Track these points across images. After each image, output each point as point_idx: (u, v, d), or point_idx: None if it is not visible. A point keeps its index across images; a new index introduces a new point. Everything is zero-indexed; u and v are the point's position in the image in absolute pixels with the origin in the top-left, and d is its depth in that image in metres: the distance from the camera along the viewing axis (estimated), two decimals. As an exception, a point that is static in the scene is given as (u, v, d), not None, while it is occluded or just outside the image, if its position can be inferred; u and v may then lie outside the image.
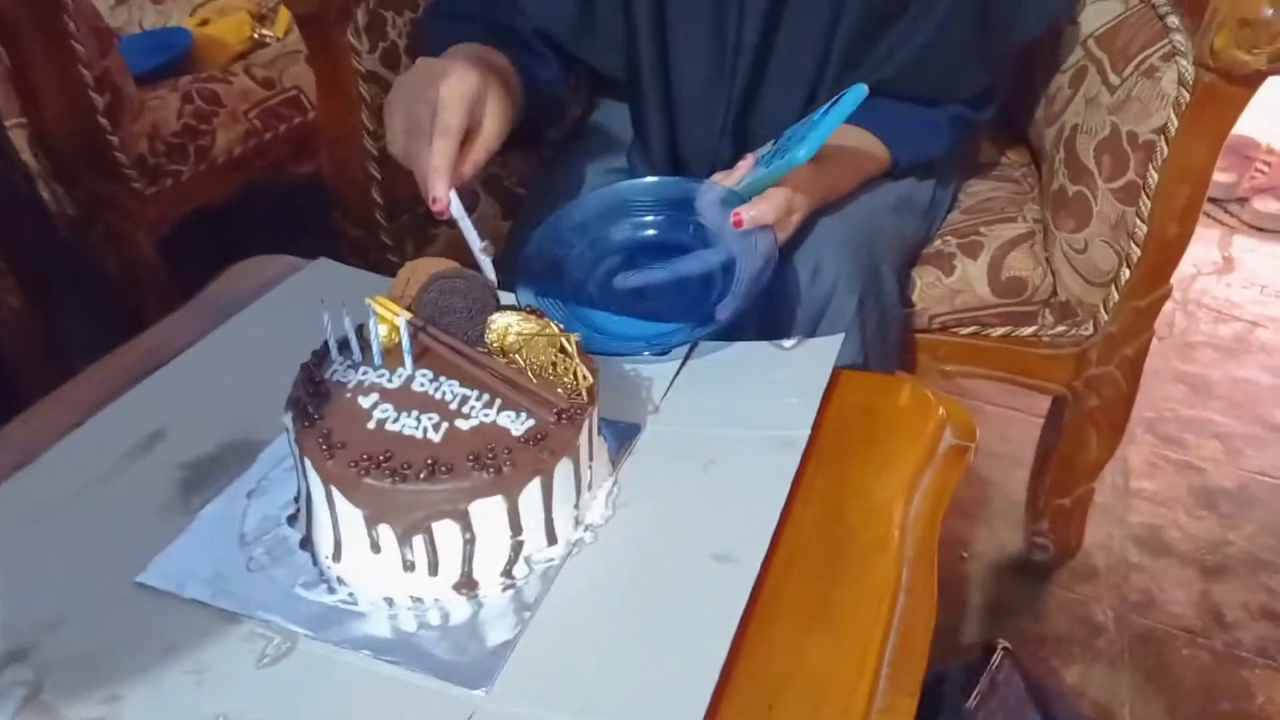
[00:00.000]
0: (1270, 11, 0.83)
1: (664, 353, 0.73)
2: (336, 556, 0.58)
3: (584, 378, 0.58)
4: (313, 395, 0.59)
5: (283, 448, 0.65)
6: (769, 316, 0.81)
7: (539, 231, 0.82)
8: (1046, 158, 1.07)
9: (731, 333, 0.74)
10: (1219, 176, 2.16)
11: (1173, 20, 0.92)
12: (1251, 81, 0.87)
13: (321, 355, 0.62)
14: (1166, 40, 0.91)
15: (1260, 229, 2.04)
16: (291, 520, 0.62)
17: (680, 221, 0.83)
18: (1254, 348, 1.62)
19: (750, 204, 0.77)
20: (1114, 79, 0.95)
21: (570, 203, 0.85)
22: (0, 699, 0.51)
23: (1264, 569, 1.20)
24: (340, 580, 0.58)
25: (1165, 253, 0.99)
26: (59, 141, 1.23)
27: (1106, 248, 0.99)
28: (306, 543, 0.60)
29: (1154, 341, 1.06)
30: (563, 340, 0.58)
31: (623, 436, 0.67)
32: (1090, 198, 0.98)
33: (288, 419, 0.58)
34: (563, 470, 0.57)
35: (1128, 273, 0.99)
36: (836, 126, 0.75)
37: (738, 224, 0.76)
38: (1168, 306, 1.03)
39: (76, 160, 1.26)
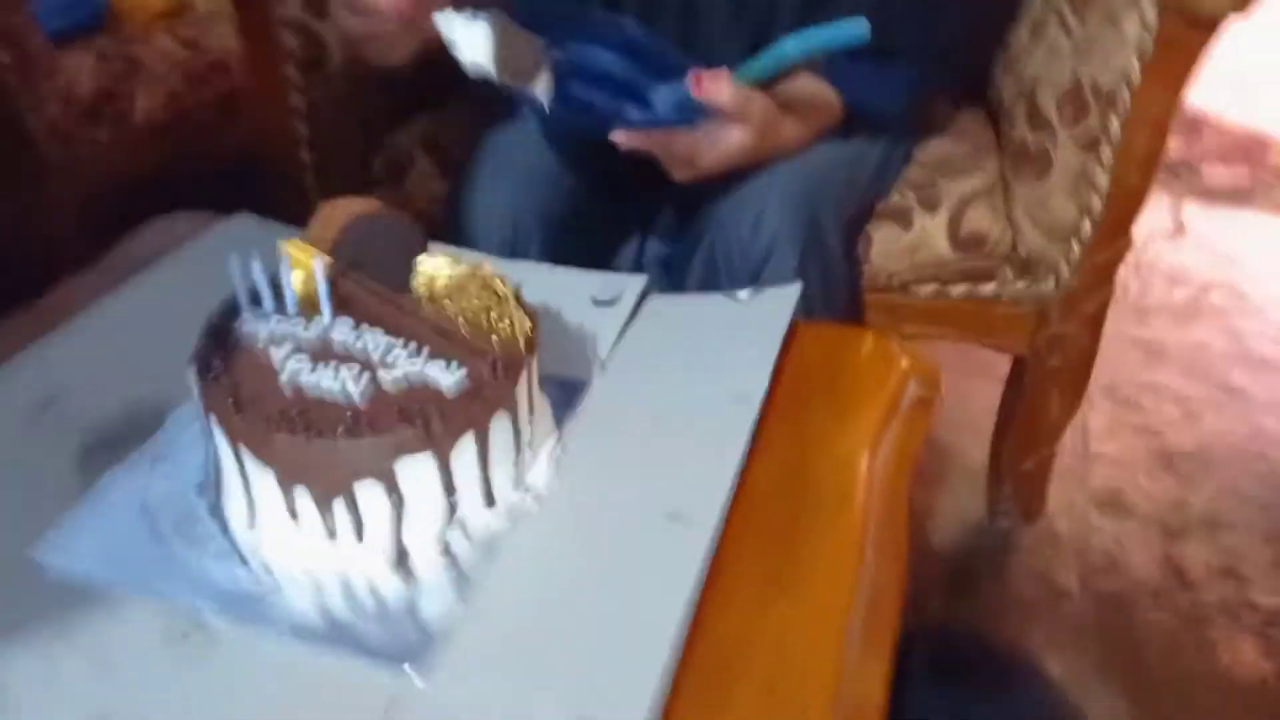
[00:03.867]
0: (1234, -53, 0.80)
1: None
2: (251, 524, 0.52)
3: (522, 325, 0.53)
4: (219, 349, 0.53)
5: (191, 412, 0.59)
6: (710, 265, 0.77)
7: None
8: (1005, 112, 1.04)
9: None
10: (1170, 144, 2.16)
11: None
12: (1214, 26, 0.84)
13: (229, 307, 0.56)
14: (1127, -15, 0.88)
15: (1210, 197, 2.04)
16: (200, 490, 0.56)
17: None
18: (1207, 312, 1.62)
19: (715, 75, 0.73)
20: (1075, 27, 0.92)
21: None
22: None
23: (1225, 529, 1.19)
24: (255, 554, 0.52)
25: (1127, 202, 0.96)
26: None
27: (1067, 200, 0.96)
28: (217, 512, 0.54)
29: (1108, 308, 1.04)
30: (497, 284, 0.53)
31: (567, 393, 0.62)
32: (1051, 149, 0.95)
33: (191, 376, 0.52)
34: (499, 426, 0.52)
35: (1089, 225, 0.96)
36: (828, 45, 0.72)
37: (696, 81, 0.72)
38: (1121, 271, 1.01)
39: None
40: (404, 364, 0.52)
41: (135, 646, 0.48)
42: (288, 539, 0.51)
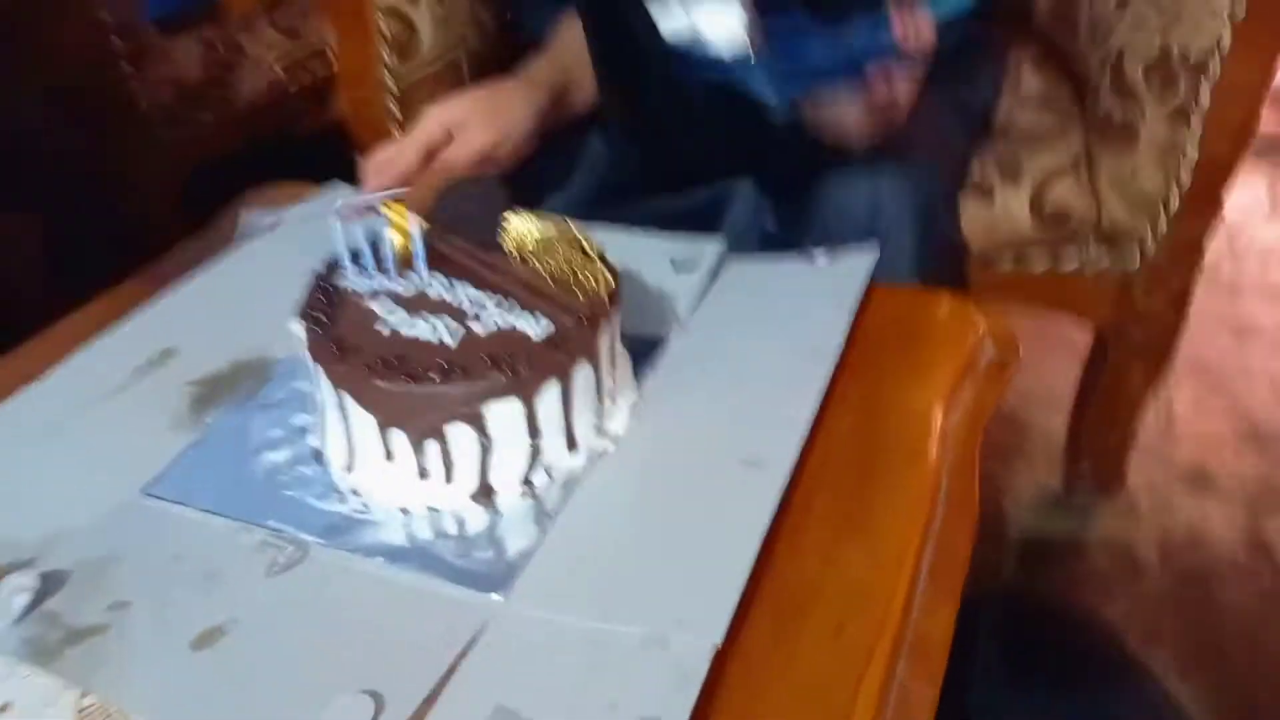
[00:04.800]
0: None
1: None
2: (350, 466, 0.56)
3: (606, 280, 0.56)
4: (324, 303, 0.57)
5: (296, 363, 0.63)
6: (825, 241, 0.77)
7: None
8: (1091, 83, 1.03)
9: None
10: (1265, 128, 2.09)
11: (1227, -73, 0.87)
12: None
13: (333, 265, 0.60)
14: (1218, -52, 0.86)
15: (1311, 176, 1.97)
16: (304, 434, 0.60)
17: None
18: (1305, 293, 1.56)
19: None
20: (1162, -6, 0.91)
21: None
22: (3, 605, 0.49)
23: (1316, 510, 1.16)
24: (354, 492, 0.56)
25: (1218, 173, 0.94)
26: (77, 90, 1.21)
27: (1155, 171, 0.94)
28: (319, 456, 0.58)
29: (1200, 286, 1.01)
30: (583, 242, 0.56)
31: (647, 350, 0.64)
32: (1138, 120, 0.93)
33: (298, 327, 0.56)
34: (582, 375, 0.54)
35: (1177, 197, 0.95)
36: None
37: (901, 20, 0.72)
38: (1214, 250, 0.98)
39: (95, 109, 1.25)
40: (494, 315, 0.55)
41: (243, 571, 0.52)
42: (384, 478, 0.55)
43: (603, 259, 0.56)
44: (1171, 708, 0.79)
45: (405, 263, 0.59)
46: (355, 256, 0.59)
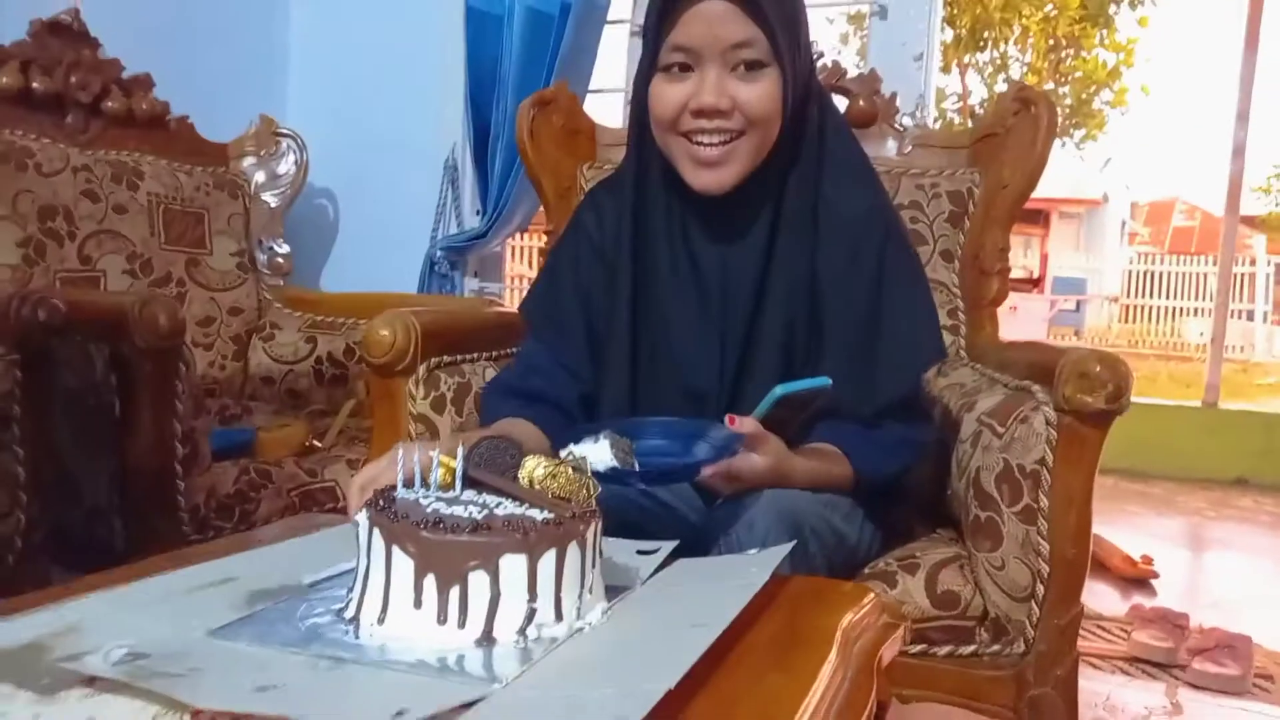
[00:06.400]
0: (1098, 367, 1.14)
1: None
2: (382, 620, 0.71)
3: (592, 490, 0.76)
4: (385, 498, 0.76)
5: (335, 581, 0.80)
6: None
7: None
8: (961, 505, 1.30)
9: None
10: (1158, 643, 2.34)
11: (1036, 387, 1.22)
12: (1097, 420, 1.15)
13: (388, 491, 0.80)
14: (1033, 398, 1.21)
15: (1202, 688, 2.16)
16: (338, 614, 0.74)
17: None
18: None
19: (741, 418, 1.03)
20: (1000, 430, 1.23)
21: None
22: (105, 655, 0.61)
23: None
24: (380, 645, 0.70)
25: (1069, 573, 1.18)
26: (136, 477, 1.45)
27: (1020, 564, 1.18)
28: (354, 621, 0.72)
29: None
30: (576, 466, 0.78)
31: (614, 592, 0.81)
32: (999, 520, 1.19)
33: (362, 515, 0.75)
34: (573, 553, 0.72)
35: (1042, 588, 1.17)
36: (803, 389, 1.04)
37: (731, 420, 1.01)
38: None
39: (146, 497, 1.47)
40: (510, 508, 0.75)
41: (291, 667, 0.64)
42: (410, 626, 0.69)
43: (591, 480, 0.77)
44: None
45: (446, 487, 0.79)
46: (409, 484, 0.80)
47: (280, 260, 2.37)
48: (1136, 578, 2.90)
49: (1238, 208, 4.73)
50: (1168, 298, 13.55)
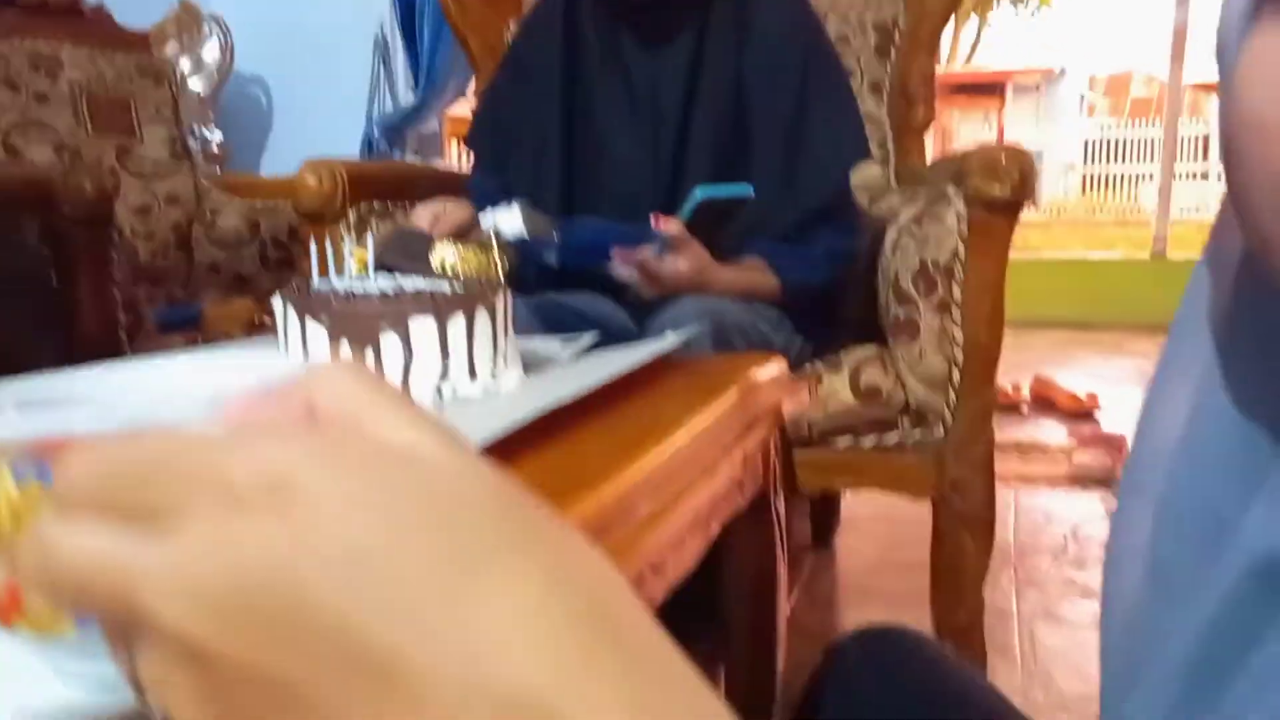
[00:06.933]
0: (1003, 159, 1.17)
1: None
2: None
3: (500, 267, 0.80)
4: (299, 285, 0.79)
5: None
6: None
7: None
8: (883, 305, 1.35)
9: None
10: (1096, 462, 2.46)
11: (950, 188, 1.26)
12: (1005, 209, 1.19)
13: (302, 282, 0.83)
14: (945, 197, 1.25)
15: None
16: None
17: None
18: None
19: (667, 217, 1.07)
20: (915, 230, 1.27)
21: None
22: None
23: None
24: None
25: (983, 358, 1.24)
26: (82, 347, 1.47)
27: (936, 354, 1.23)
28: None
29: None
30: (488, 243, 0.81)
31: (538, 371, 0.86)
32: (916, 315, 1.25)
33: (276, 300, 0.78)
34: (482, 318, 0.76)
35: (957, 375, 1.23)
36: (724, 196, 1.08)
37: (656, 219, 1.04)
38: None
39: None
40: (421, 284, 0.78)
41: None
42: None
43: (502, 250, 0.81)
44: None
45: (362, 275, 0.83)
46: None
47: (215, 149, 2.36)
48: (1081, 412, 3.01)
49: (1183, 61, 4.77)
50: (1124, 162, 13.62)
